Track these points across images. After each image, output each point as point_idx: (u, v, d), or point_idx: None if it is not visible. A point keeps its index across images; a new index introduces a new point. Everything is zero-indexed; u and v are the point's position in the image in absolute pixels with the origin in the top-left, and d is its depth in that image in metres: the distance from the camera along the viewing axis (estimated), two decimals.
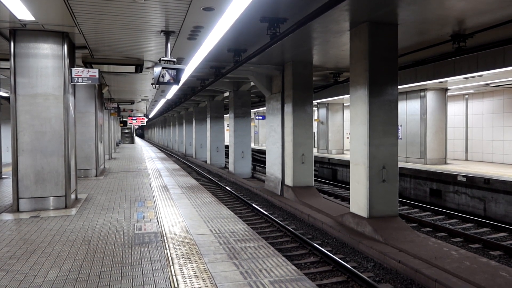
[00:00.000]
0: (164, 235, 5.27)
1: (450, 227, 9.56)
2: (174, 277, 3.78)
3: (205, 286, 3.55)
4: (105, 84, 13.67)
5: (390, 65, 7.95)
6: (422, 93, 15.38)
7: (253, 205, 11.32)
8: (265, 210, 10.92)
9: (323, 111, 22.35)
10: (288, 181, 12.33)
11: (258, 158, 28.62)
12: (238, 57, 9.74)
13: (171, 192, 9.00)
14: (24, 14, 5.57)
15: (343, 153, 21.85)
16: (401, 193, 13.92)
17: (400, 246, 6.79)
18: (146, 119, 37.49)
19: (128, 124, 34.30)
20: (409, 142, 16.04)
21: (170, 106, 30.06)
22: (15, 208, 6.66)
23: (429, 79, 12.44)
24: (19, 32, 6.53)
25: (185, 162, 25.99)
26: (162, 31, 6.49)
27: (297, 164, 12.05)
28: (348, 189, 13.75)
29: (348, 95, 9.46)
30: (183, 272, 3.90)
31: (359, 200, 8.17)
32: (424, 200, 13.31)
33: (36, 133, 6.67)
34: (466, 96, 16.82)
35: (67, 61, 6.85)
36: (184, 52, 8.11)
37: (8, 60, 6.66)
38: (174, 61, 6.78)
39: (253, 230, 5.58)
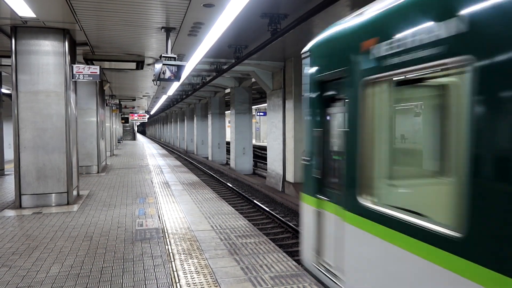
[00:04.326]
0: (166, 231, 5.29)
1: None
2: (175, 273, 3.80)
3: (206, 282, 3.58)
4: (106, 80, 13.68)
5: None
6: None
7: (254, 201, 11.34)
8: (266, 206, 10.94)
9: None
10: (289, 177, 12.35)
11: (259, 154, 28.63)
12: (239, 54, 9.73)
13: (173, 188, 9.02)
14: (25, 11, 5.57)
15: None
16: None
17: None
18: (148, 116, 37.52)
19: (129, 120, 34.35)
20: None
21: (172, 102, 30.07)
22: (17, 204, 6.69)
23: None
24: (20, 29, 6.53)
25: (187, 159, 26.03)
26: (162, 27, 6.49)
27: (299, 160, 12.07)
28: None
29: None
30: (184, 268, 3.92)
31: None
32: None
33: (37, 130, 6.69)
34: None
35: (68, 58, 6.85)
36: (185, 48, 8.11)
37: (9, 57, 6.68)
38: (174, 58, 6.78)
39: (254, 226, 5.60)
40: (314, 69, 3.76)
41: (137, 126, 56.24)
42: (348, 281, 3.12)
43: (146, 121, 39.86)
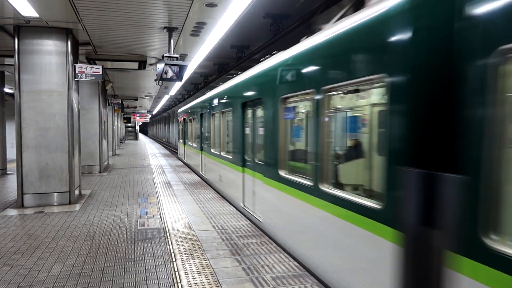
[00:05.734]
0: (167, 231, 5.29)
1: None
2: (176, 273, 3.79)
3: (207, 282, 3.57)
4: (109, 80, 13.69)
5: None
6: None
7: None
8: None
9: None
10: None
11: None
12: (241, 54, 9.72)
13: (174, 188, 9.02)
14: (27, 10, 5.58)
15: None
16: None
17: None
18: (150, 116, 37.56)
19: (131, 120, 34.38)
20: None
21: (174, 102, 30.08)
22: (19, 203, 6.70)
23: None
24: (23, 28, 6.54)
25: None
26: (165, 27, 6.49)
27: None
28: None
29: None
30: (185, 268, 3.92)
31: None
32: None
33: (40, 129, 6.70)
34: None
35: (70, 57, 6.86)
36: (187, 48, 8.11)
37: (12, 56, 6.69)
38: (177, 58, 6.77)
39: (255, 226, 5.59)
40: (179, 115, 17.87)
41: (139, 126, 56.29)
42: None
43: (148, 121, 39.89)
